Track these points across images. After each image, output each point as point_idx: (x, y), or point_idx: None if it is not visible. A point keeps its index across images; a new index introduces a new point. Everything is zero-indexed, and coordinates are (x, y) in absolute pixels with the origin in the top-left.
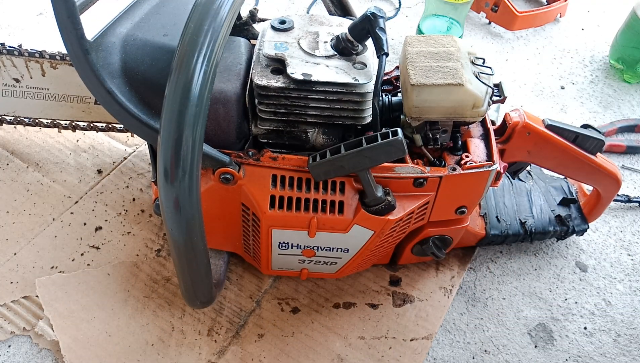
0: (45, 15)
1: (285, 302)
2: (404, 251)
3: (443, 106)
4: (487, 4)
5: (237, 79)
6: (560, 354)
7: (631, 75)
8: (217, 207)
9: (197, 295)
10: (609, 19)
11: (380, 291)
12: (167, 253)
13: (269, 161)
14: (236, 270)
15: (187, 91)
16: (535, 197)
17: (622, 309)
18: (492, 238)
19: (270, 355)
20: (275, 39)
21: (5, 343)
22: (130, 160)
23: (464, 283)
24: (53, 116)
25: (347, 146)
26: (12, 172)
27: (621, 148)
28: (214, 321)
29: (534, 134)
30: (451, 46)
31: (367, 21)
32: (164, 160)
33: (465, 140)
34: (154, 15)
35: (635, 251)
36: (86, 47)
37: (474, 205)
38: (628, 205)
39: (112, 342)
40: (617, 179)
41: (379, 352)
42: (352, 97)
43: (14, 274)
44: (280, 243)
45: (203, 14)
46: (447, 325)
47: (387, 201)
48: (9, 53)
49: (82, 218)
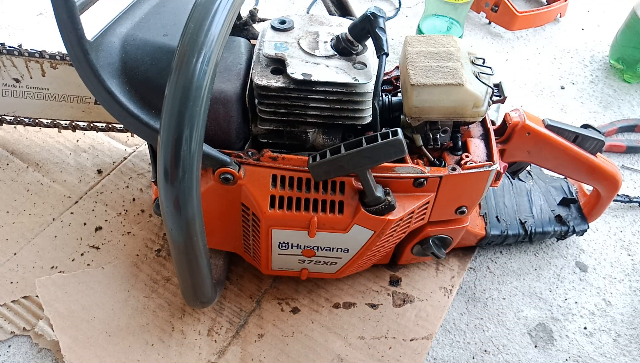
0: (45, 15)
1: (285, 302)
2: (404, 251)
3: (443, 106)
4: (487, 4)
5: (237, 79)
6: (560, 354)
7: (631, 75)
8: (217, 207)
9: (197, 295)
10: (609, 19)
11: (380, 291)
12: (167, 253)
13: (269, 161)
14: (236, 270)
15: (187, 91)
16: (535, 197)
17: (622, 309)
18: (492, 238)
19: (270, 355)
20: (275, 39)
21: (5, 343)
22: (130, 160)
23: (464, 283)
24: (53, 116)
25: (347, 146)
26: (12, 172)
27: (621, 148)
28: (214, 321)
29: (534, 134)
30: (451, 46)
31: (367, 21)
32: (164, 160)
33: (465, 140)
34: (154, 15)
35: (635, 251)
36: (86, 47)
37: (474, 205)
38: (628, 205)
39: (112, 342)
40: (617, 179)
41: (379, 352)
42: (352, 97)
43: (14, 274)
44: (280, 243)
45: (203, 14)
46: (447, 325)
47: (387, 201)
48: (9, 53)
49: (82, 218)
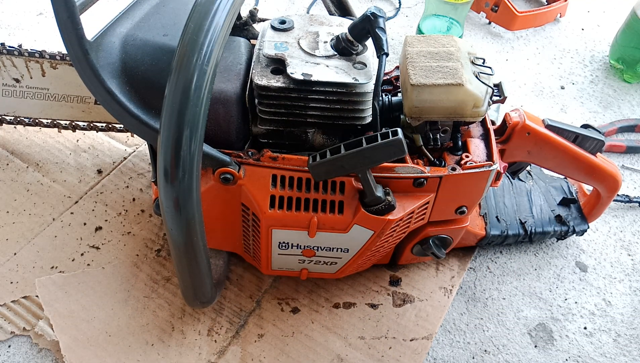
0: (45, 15)
1: (285, 302)
2: (404, 251)
3: (443, 106)
4: (487, 4)
5: (237, 79)
6: (560, 354)
7: (631, 75)
8: (217, 207)
9: (197, 295)
10: (609, 19)
11: (380, 291)
12: (167, 253)
13: (269, 161)
14: (236, 270)
15: (187, 91)
16: (535, 197)
17: (622, 309)
18: (492, 238)
19: (270, 355)
20: (275, 39)
21: (5, 343)
22: (130, 160)
23: (464, 283)
24: (53, 116)
25: (347, 146)
26: (12, 172)
27: (621, 148)
28: (214, 321)
29: (534, 134)
30: (451, 46)
31: (367, 21)
32: (164, 160)
33: (465, 140)
34: (154, 15)
35: (635, 251)
36: (86, 47)
37: (474, 205)
38: (628, 205)
39: (112, 342)
40: (617, 180)
41: (379, 352)
42: (352, 97)
43: (14, 274)
44: (280, 243)
45: (203, 14)
46: (447, 325)
47: (387, 201)
48: (9, 53)
49: (82, 218)
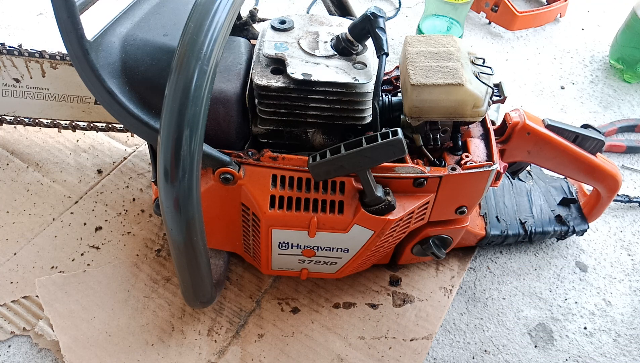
0: (45, 15)
1: (285, 302)
2: (404, 251)
3: (443, 106)
4: (487, 4)
5: (237, 79)
6: (560, 354)
7: (631, 75)
8: (217, 207)
9: (197, 295)
10: (609, 19)
11: (380, 291)
12: (167, 253)
13: (269, 161)
14: (236, 270)
15: (187, 91)
16: (535, 197)
17: (622, 309)
18: (492, 238)
19: (270, 355)
20: (275, 39)
21: (5, 343)
22: (130, 160)
23: (464, 283)
24: (53, 116)
25: (347, 146)
26: (12, 172)
27: (621, 148)
28: (214, 321)
29: (534, 134)
30: (451, 46)
31: (367, 21)
32: (164, 160)
33: (465, 140)
34: (154, 15)
35: (635, 251)
36: (86, 47)
37: (474, 205)
38: (628, 205)
39: (112, 342)
40: (617, 180)
41: (379, 352)
42: (352, 97)
43: (14, 274)
44: (280, 243)
45: (203, 14)
46: (447, 325)
47: (387, 201)
48: (9, 53)
49: (82, 218)
